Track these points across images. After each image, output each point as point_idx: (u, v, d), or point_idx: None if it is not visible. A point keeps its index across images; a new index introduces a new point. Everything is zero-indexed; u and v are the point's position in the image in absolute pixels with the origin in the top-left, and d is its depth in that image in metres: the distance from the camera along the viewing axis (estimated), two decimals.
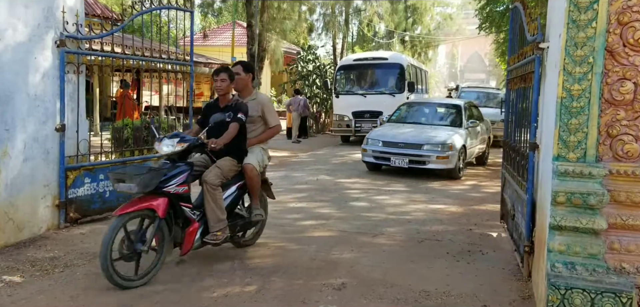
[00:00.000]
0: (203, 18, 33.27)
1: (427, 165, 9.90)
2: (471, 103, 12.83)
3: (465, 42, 61.19)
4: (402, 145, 10.19)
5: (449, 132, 10.44)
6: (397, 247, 5.60)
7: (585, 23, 3.81)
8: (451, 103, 12.41)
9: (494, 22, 26.85)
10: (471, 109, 12.06)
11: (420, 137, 10.27)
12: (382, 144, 10.40)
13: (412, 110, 12.30)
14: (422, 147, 10.02)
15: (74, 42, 6.00)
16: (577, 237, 3.73)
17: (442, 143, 9.93)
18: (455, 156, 9.96)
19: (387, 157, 10.25)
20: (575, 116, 3.82)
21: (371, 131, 11.28)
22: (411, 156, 10.00)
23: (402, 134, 10.58)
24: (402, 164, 10.03)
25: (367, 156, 10.64)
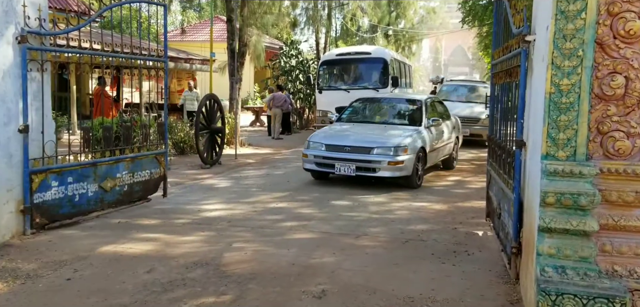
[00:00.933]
0: (183, 13, 32.77)
1: (378, 172, 8.32)
2: (435, 98, 11.42)
3: (448, 35, 61.31)
4: (348, 149, 8.51)
5: (405, 133, 8.88)
6: (380, 248, 5.39)
7: (574, 14, 3.63)
8: (411, 99, 10.80)
9: (477, 16, 26.85)
10: (434, 105, 10.61)
11: (370, 140, 8.63)
12: (325, 148, 8.72)
13: (365, 108, 10.69)
14: (372, 151, 8.39)
15: (37, 38, 5.67)
16: (567, 239, 3.55)
17: (395, 146, 8.35)
18: (412, 161, 8.43)
19: (331, 164, 8.59)
20: (565, 112, 3.64)
21: (314, 132, 9.68)
22: (359, 162, 8.38)
23: (349, 136, 8.96)
24: (348, 172, 8.41)
25: (308, 163, 8.94)
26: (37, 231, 5.67)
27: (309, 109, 21.85)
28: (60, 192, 5.94)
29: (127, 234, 5.81)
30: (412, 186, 8.59)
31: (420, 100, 10.18)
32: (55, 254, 5.07)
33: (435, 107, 10.54)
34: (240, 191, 8.51)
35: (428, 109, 9.86)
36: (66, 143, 6.27)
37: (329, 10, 28.20)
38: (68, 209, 6.03)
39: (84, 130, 6.96)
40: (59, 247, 5.26)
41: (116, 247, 5.32)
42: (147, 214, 6.70)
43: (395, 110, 10.41)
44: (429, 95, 11.45)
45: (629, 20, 3.56)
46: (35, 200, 5.66)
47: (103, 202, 6.52)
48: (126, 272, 4.65)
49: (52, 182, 5.85)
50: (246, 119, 21.86)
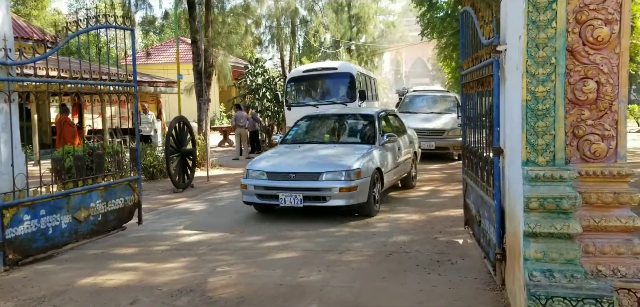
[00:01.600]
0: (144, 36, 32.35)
1: (328, 201, 7.18)
2: (389, 112, 10.26)
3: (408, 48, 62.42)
4: (293, 176, 7.35)
5: (357, 154, 7.75)
6: (365, 263, 5.40)
7: (545, 23, 3.76)
8: (362, 114, 9.66)
9: (435, 28, 27.51)
10: (388, 119, 9.61)
11: (318, 163, 7.52)
12: (267, 177, 7.53)
13: (312, 127, 9.47)
14: (320, 176, 7.24)
15: (3, 69, 5.51)
16: (552, 243, 3.64)
17: (346, 169, 7.24)
18: (367, 185, 7.39)
19: (274, 194, 7.38)
20: (542, 119, 3.75)
21: (253, 160, 8.34)
22: (306, 190, 7.23)
23: (294, 161, 7.79)
24: (294, 203, 7.23)
25: (248, 195, 7.70)
26: (10, 268, 5.46)
27: (277, 126, 21.83)
28: (33, 225, 5.75)
29: (105, 265, 5.66)
30: (368, 214, 7.52)
31: (372, 115, 8.99)
32: (32, 290, 4.89)
33: (390, 121, 9.62)
34: (216, 213, 8.40)
35: (382, 125, 8.86)
36: (31, 174, 6.06)
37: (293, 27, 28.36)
38: (42, 242, 5.84)
39: (54, 161, 6.76)
40: (35, 283, 5.08)
41: (95, 279, 5.17)
42: (124, 243, 6.54)
43: (346, 128, 9.34)
44: (382, 109, 10.30)
45: (596, 27, 3.71)
46: (7, 235, 5.45)
47: (77, 234, 6.33)
48: (108, 305, 4.52)
49: (24, 216, 5.65)
50: (214, 140, 21.66)
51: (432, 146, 13.86)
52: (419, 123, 13.90)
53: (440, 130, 14.18)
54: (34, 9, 33.29)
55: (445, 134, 14.12)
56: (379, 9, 42.88)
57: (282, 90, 19.62)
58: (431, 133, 14.01)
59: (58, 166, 6.70)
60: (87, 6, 34.78)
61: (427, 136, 13.74)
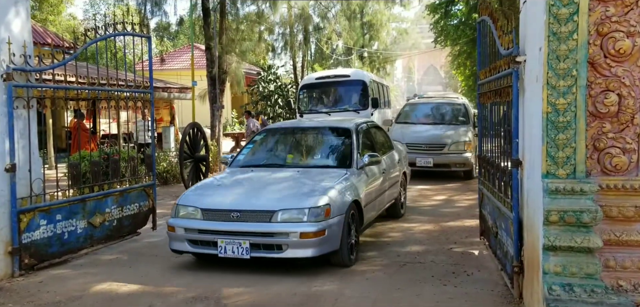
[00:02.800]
0: (159, 42, 32.64)
1: (285, 251, 5.24)
2: (371, 124, 8.02)
3: (421, 55, 62.32)
4: (236, 215, 5.37)
5: (328, 182, 5.82)
6: (380, 273, 5.37)
7: (566, 35, 3.72)
8: (336, 127, 7.29)
9: (449, 36, 27.44)
10: (370, 133, 7.50)
11: (272, 198, 5.58)
12: (201, 215, 5.54)
13: (271, 144, 7.30)
14: (274, 216, 5.30)
15: (23, 75, 5.57)
16: (572, 257, 3.60)
17: (311, 207, 5.31)
18: (339, 226, 5.42)
19: (211, 241, 5.39)
20: (563, 131, 3.71)
21: (185, 192, 6.23)
22: (254, 235, 5.26)
23: (239, 194, 5.81)
24: (238, 253, 5.24)
25: (176, 240, 5.65)
26: (26, 272, 5.50)
27: None
28: (49, 230, 5.79)
29: (119, 270, 5.68)
30: (342, 264, 5.55)
31: (349, 129, 6.84)
32: (48, 295, 4.92)
33: (372, 135, 7.51)
34: None
35: (361, 141, 6.81)
36: (47, 178, 6.11)
37: (305, 34, 28.42)
38: (57, 247, 5.88)
39: (70, 166, 6.81)
40: (50, 288, 5.11)
41: (110, 285, 5.19)
42: (138, 249, 6.56)
43: (315, 146, 7.21)
44: (364, 120, 7.85)
45: (618, 39, 3.67)
46: (24, 240, 5.49)
47: (92, 239, 6.37)
48: None
49: (41, 221, 5.69)
50: (227, 145, 21.73)
51: (430, 163, 11.70)
52: (416, 135, 12.22)
53: (440, 144, 11.96)
54: (50, 14, 33.73)
55: (446, 148, 11.88)
56: (391, 16, 42.78)
57: (294, 97, 19.66)
58: (429, 147, 11.92)
59: (74, 171, 6.74)
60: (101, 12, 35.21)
61: (423, 151, 11.86)
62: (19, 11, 5.62)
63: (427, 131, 12.60)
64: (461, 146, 11.91)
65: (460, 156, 11.86)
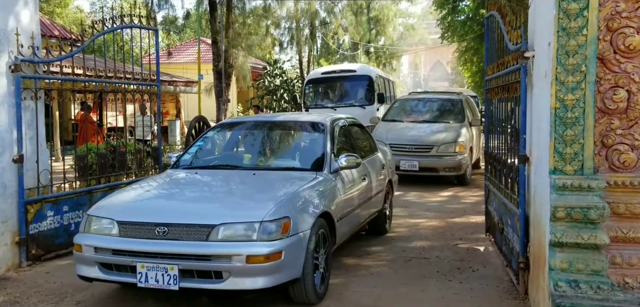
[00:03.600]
0: (166, 36, 32.73)
1: (226, 280, 3.93)
2: (351, 121, 6.55)
3: (427, 51, 62.18)
4: (161, 231, 4.07)
5: (288, 187, 4.61)
6: (385, 268, 5.37)
7: (575, 30, 3.70)
8: (307, 121, 6.02)
9: (456, 32, 27.36)
10: (350, 132, 6.22)
11: (211, 208, 4.45)
12: (117, 230, 4.22)
13: (227, 141, 6.21)
14: (213, 232, 4.00)
15: (31, 66, 5.59)
16: (579, 253, 3.58)
17: (263, 220, 4.03)
18: (301, 248, 4.18)
19: (129, 265, 4.09)
20: (571, 127, 3.69)
21: (102, 200, 4.87)
22: (185, 258, 3.98)
23: (171, 201, 4.75)
24: (163, 283, 3.97)
25: (83, 264, 4.31)
26: (33, 263, 5.54)
27: None
28: (56, 221, 5.82)
29: None
30: (304, 300, 4.32)
31: (322, 125, 5.64)
32: (55, 286, 4.95)
33: (352, 135, 6.24)
34: None
35: (337, 140, 5.63)
36: (54, 170, 6.13)
37: (312, 29, 28.41)
38: (64, 238, 5.90)
39: (77, 158, 6.84)
40: (57, 278, 5.14)
41: None
42: None
43: (280, 144, 5.96)
44: (342, 116, 6.45)
45: (629, 35, 3.65)
46: (31, 231, 5.53)
47: None
48: (132, 301, 4.55)
49: (48, 212, 5.72)
50: None
51: (415, 166, 10.24)
52: (400, 134, 10.80)
53: (427, 145, 10.44)
54: (57, 6, 33.85)
55: (434, 149, 10.35)
56: (398, 11, 42.76)
57: (300, 92, 19.65)
58: (415, 149, 10.39)
59: (81, 163, 6.77)
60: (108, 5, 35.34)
61: (408, 153, 10.33)
62: (27, 2, 5.64)
63: (414, 130, 11.11)
64: (452, 147, 10.35)
65: (451, 159, 10.29)
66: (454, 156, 10.36)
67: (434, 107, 12.15)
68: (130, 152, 8.16)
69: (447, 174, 10.47)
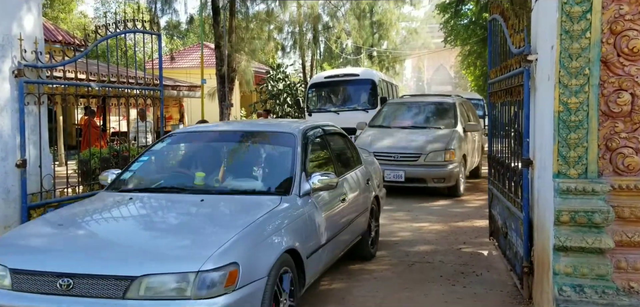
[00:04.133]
0: (169, 41, 32.84)
1: None
2: (328, 129, 5.62)
3: (430, 55, 62.17)
4: (64, 285, 3.07)
5: (240, 220, 3.68)
6: (388, 272, 5.35)
7: (578, 33, 3.68)
8: (273, 132, 5.24)
9: (459, 36, 27.36)
10: (326, 142, 5.32)
11: (132, 252, 3.37)
12: (10, 282, 3.19)
13: (177, 156, 5.21)
14: (132, 287, 3.02)
15: (34, 71, 5.60)
16: (583, 257, 3.56)
17: (200, 271, 3.03)
18: (253, 303, 3.27)
19: None
20: (574, 130, 3.67)
21: (3, 237, 4.12)
22: None
23: (81, 241, 3.68)
24: None
25: None
26: None
27: None
28: None
29: None
30: None
31: (291, 136, 4.70)
32: None
33: (329, 146, 5.31)
34: None
35: (309, 153, 4.70)
36: (57, 175, 6.14)
37: (315, 33, 28.44)
38: None
39: (80, 162, 6.85)
40: None
41: None
42: None
43: (242, 161, 4.93)
44: (317, 124, 5.48)
45: (632, 38, 3.63)
46: None
47: None
48: None
49: None
50: None
51: (401, 177, 9.28)
52: (385, 142, 9.91)
53: (414, 154, 9.42)
54: (61, 12, 34.00)
55: (421, 158, 9.35)
56: (401, 15, 42.76)
57: (303, 96, 19.67)
58: (401, 158, 9.43)
59: (84, 168, 6.78)
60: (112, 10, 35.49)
61: (393, 162, 9.37)
62: (30, 8, 5.65)
63: (401, 136, 10.09)
64: (441, 156, 9.41)
65: (440, 169, 9.36)
66: (443, 166, 9.38)
67: (424, 112, 11.13)
68: (133, 156, 8.17)
69: (436, 185, 9.50)
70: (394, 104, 12.44)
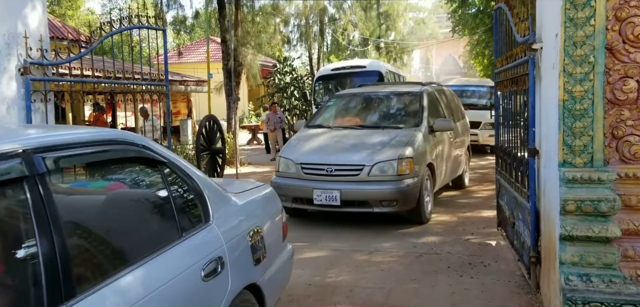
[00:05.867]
0: (175, 36, 32.90)
1: None
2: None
3: (438, 45, 61.85)
4: None
5: None
6: (395, 264, 5.35)
7: (583, 21, 3.64)
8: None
9: (467, 25, 27.15)
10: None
11: None
12: None
13: None
14: None
15: (40, 69, 5.64)
16: (589, 247, 3.53)
17: None
18: None
19: None
20: (580, 119, 3.64)
21: None
22: None
23: None
24: None
25: None
26: None
27: None
28: None
29: None
30: None
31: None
32: None
33: None
34: None
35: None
36: None
37: (321, 25, 28.37)
38: None
39: None
40: None
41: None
42: None
43: None
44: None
45: (637, 24, 3.58)
46: None
47: None
48: None
49: None
50: (243, 138, 21.84)
51: (335, 199, 6.64)
52: (318, 150, 7.26)
53: (354, 167, 6.76)
54: (68, 9, 34.17)
55: (364, 172, 6.69)
56: (408, 5, 42.63)
57: (310, 89, 19.64)
58: (336, 171, 6.79)
59: None
60: (119, 6, 35.61)
61: (325, 178, 6.81)
62: (35, 5, 5.68)
63: (340, 142, 7.31)
64: (392, 167, 6.66)
65: (391, 187, 6.59)
66: (395, 182, 6.60)
67: (380, 107, 8.51)
68: None
69: (385, 210, 6.65)
70: (344, 96, 9.24)
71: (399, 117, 8.12)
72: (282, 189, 6.79)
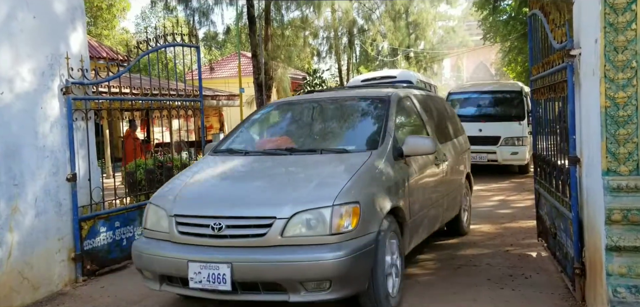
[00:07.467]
0: (207, 52, 33.49)
1: None
2: None
3: (469, 53, 61.11)
4: None
5: None
6: (433, 277, 5.28)
7: (624, 25, 3.56)
8: None
9: (498, 32, 26.81)
10: None
11: None
12: None
13: None
14: None
15: (81, 88, 5.82)
16: (638, 257, 3.42)
17: None
18: None
19: None
20: (623, 126, 3.55)
21: None
22: None
23: None
24: None
25: None
26: (88, 278, 5.73)
27: None
28: (109, 237, 6.01)
29: None
30: None
31: None
32: (109, 299, 5.10)
33: None
34: None
35: None
36: (105, 187, 6.33)
37: (350, 37, 28.44)
38: (117, 253, 6.09)
39: (127, 175, 7.06)
40: (112, 293, 5.29)
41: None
42: None
43: None
44: None
45: None
46: (86, 247, 5.73)
47: None
48: None
49: (101, 228, 5.92)
50: None
51: (222, 279, 3.80)
52: (207, 196, 4.46)
53: (259, 221, 3.89)
54: (104, 29, 35.18)
55: (272, 233, 3.82)
56: (437, 14, 42.26)
57: None
58: (229, 234, 3.92)
59: (130, 179, 6.98)
60: (152, 25, 36.48)
61: (211, 245, 3.99)
62: (76, 27, 5.87)
63: (244, 178, 4.77)
64: (321, 222, 3.87)
65: (319, 256, 3.75)
66: (329, 247, 3.81)
67: (330, 121, 5.62)
68: (177, 166, 8.35)
69: (311, 298, 3.85)
70: (281, 105, 6.24)
71: (351, 135, 5.30)
72: (144, 260, 4.31)
